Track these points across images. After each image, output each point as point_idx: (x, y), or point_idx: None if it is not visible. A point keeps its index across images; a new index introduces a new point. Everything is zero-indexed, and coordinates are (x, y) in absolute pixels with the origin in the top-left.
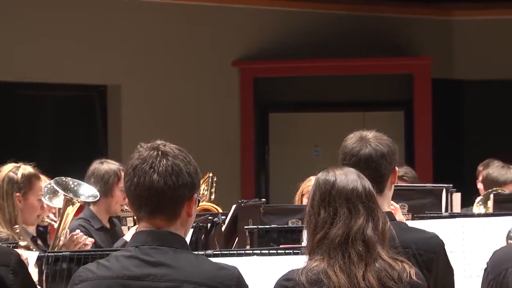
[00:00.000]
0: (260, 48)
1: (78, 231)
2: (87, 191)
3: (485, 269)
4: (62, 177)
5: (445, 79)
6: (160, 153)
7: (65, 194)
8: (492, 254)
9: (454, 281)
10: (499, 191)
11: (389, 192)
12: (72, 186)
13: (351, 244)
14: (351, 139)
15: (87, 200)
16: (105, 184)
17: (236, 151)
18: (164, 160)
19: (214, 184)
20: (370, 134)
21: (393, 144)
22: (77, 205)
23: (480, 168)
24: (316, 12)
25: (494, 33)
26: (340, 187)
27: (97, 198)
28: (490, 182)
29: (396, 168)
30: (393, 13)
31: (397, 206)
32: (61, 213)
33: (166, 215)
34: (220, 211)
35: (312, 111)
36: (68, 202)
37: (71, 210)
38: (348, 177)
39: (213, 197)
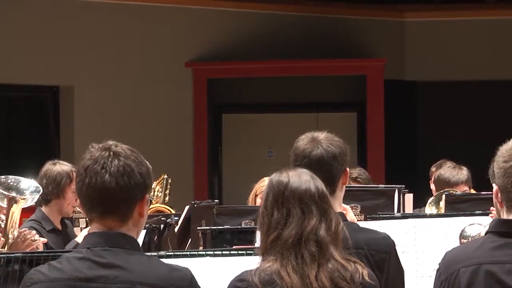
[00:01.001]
0: (214, 49)
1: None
2: (28, 185)
3: (437, 270)
4: (1, 176)
5: (398, 80)
6: (111, 153)
7: (7, 193)
8: (444, 255)
9: (404, 282)
10: (451, 191)
11: (340, 193)
12: (12, 183)
13: (304, 245)
14: (303, 140)
15: (32, 197)
16: (57, 186)
17: (190, 152)
18: (116, 161)
19: (169, 186)
20: (321, 135)
21: (345, 145)
22: (22, 202)
23: (432, 169)
24: (270, 13)
25: (446, 34)
26: (293, 188)
27: (40, 192)
28: (442, 183)
29: (348, 169)
30: (346, 15)
31: (347, 207)
32: (5, 213)
33: (118, 216)
34: (173, 212)
35: (266, 112)
36: (11, 201)
37: (16, 208)
38: (301, 178)
39: (167, 199)
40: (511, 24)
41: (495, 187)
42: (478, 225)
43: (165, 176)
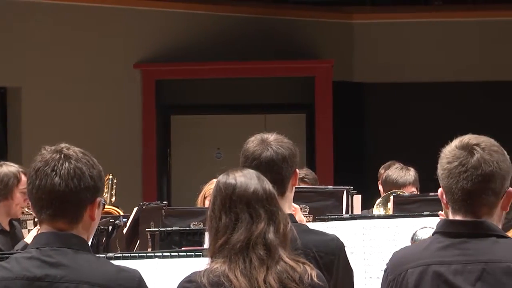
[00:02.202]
0: (163, 50)
1: None
2: None
3: (385, 270)
4: None
5: (346, 81)
6: (62, 156)
7: None
8: (392, 256)
9: (353, 283)
10: (399, 193)
11: (290, 194)
12: None
13: (252, 249)
14: (252, 142)
15: None
16: (5, 187)
17: (138, 153)
18: (67, 163)
19: (114, 186)
20: (271, 137)
21: (294, 147)
22: None
23: (381, 170)
24: (219, 14)
25: (393, 36)
26: (240, 191)
27: None
28: (390, 184)
29: (297, 170)
30: (295, 16)
31: (297, 207)
32: None
33: (67, 219)
34: (121, 213)
35: (214, 114)
36: None
37: None
38: (248, 180)
39: (113, 199)
40: (457, 25)
41: (440, 189)
42: (429, 229)
43: (111, 177)
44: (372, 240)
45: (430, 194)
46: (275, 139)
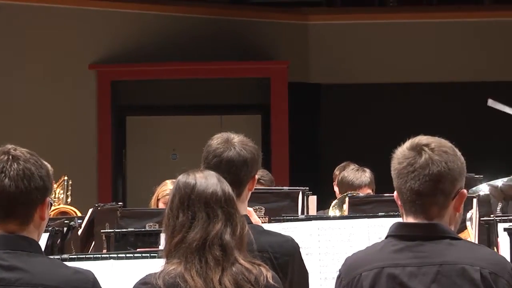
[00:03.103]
0: (118, 51)
1: None
2: None
3: (338, 276)
4: None
5: (302, 82)
6: (10, 157)
7: None
8: (345, 260)
9: (308, 283)
10: (354, 194)
11: (246, 198)
12: None
13: (208, 249)
14: (217, 139)
15: None
16: None
17: (93, 154)
18: (15, 164)
19: (70, 187)
20: (236, 138)
21: (258, 152)
22: None
23: (336, 171)
24: (174, 15)
25: (349, 37)
26: (199, 191)
27: None
28: (346, 185)
29: (256, 176)
30: (250, 17)
31: (251, 209)
32: None
33: (18, 220)
34: (79, 214)
35: (170, 115)
36: None
37: None
38: (208, 181)
39: (69, 200)
40: (412, 26)
41: (396, 191)
42: None
43: (65, 178)
44: (328, 241)
45: (385, 195)
46: (240, 141)
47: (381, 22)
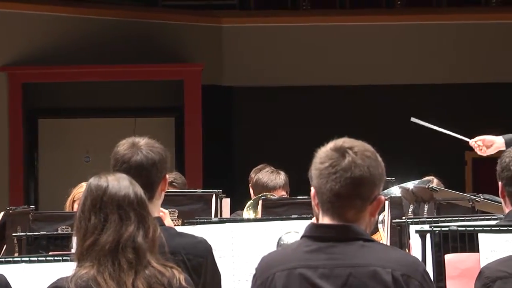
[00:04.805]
0: (29, 53)
1: None
2: None
3: (254, 275)
4: None
5: (215, 85)
6: None
7: None
8: (261, 259)
9: (221, 286)
10: (268, 196)
11: (159, 199)
12: None
13: (121, 252)
14: (123, 145)
15: None
16: None
17: (5, 157)
18: None
19: None
20: (142, 141)
21: (165, 152)
22: None
23: (252, 174)
24: (86, 17)
25: (263, 40)
26: (112, 193)
27: None
28: (260, 187)
29: (167, 175)
30: (165, 20)
31: (166, 211)
32: None
33: None
34: None
35: (83, 117)
36: None
37: None
38: (120, 183)
39: None
40: (325, 29)
41: (313, 189)
42: (294, 233)
43: None
44: (241, 244)
45: (299, 197)
46: (146, 144)
47: (293, 25)
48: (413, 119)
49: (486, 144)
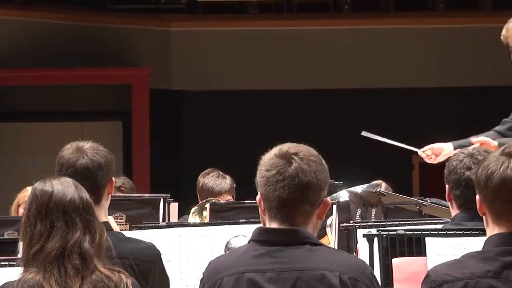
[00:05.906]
0: None
1: None
2: None
3: (201, 280)
4: None
5: (164, 89)
6: None
7: None
8: (208, 264)
9: None
10: (215, 201)
11: (106, 203)
12: None
13: (67, 258)
14: (68, 150)
15: None
16: None
17: None
18: None
19: None
20: (87, 145)
21: (110, 155)
22: None
23: (200, 178)
24: (33, 20)
25: (211, 44)
26: (57, 199)
27: None
28: (206, 192)
29: (113, 178)
30: (113, 24)
31: (110, 217)
32: None
33: None
34: None
35: (29, 121)
36: None
37: None
38: (65, 188)
39: None
40: (272, 34)
41: (258, 195)
42: (242, 237)
43: None
44: (189, 248)
45: (246, 201)
46: (91, 147)
47: (242, 30)
48: (364, 133)
49: (435, 152)
